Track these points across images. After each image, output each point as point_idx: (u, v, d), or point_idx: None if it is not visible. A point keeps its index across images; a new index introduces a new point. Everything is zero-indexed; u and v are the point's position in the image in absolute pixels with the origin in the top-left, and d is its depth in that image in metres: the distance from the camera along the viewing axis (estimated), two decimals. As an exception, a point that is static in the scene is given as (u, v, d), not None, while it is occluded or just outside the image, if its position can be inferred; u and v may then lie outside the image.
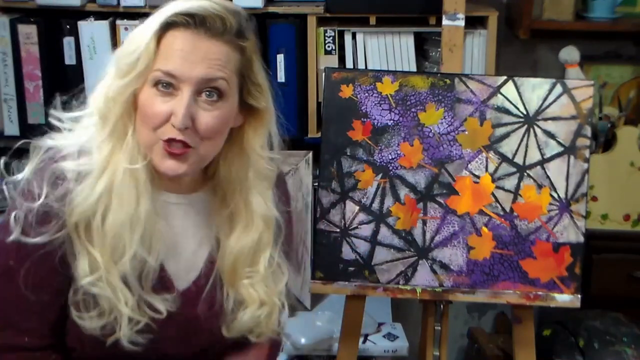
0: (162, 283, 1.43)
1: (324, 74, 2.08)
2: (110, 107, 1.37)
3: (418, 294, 1.97)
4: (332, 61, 2.39)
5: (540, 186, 1.96)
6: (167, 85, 1.35)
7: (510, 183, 1.97)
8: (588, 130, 1.97)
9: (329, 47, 2.39)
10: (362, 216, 1.97)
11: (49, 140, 1.41)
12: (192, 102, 1.35)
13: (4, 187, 1.42)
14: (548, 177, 1.96)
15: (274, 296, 1.49)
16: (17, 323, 1.41)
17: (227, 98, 1.38)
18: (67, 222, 1.35)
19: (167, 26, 1.36)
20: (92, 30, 2.36)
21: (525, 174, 1.96)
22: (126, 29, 2.35)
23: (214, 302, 1.47)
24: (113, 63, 1.39)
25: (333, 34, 2.38)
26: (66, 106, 1.46)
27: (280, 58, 2.39)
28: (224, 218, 1.47)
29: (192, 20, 1.35)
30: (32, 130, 2.37)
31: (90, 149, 1.38)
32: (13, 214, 1.36)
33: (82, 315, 1.39)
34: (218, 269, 1.47)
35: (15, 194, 1.38)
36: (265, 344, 1.56)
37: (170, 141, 1.35)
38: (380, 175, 1.97)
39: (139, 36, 1.37)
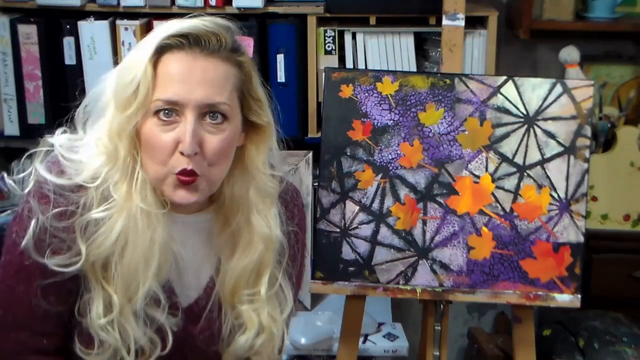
0: (170, 304, 1.42)
1: (324, 74, 2.07)
2: (117, 143, 1.34)
3: (418, 294, 1.97)
4: (332, 61, 2.39)
5: (540, 186, 1.96)
6: (169, 112, 1.33)
7: (510, 183, 1.97)
8: (588, 130, 1.97)
9: (329, 47, 2.39)
10: (362, 216, 1.97)
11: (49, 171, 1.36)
12: (198, 126, 1.33)
13: (6, 185, 1.39)
14: (548, 177, 1.96)
15: (275, 324, 1.46)
16: (32, 326, 1.39)
17: (231, 119, 1.36)
18: (83, 258, 1.33)
19: (162, 50, 1.33)
20: (92, 30, 2.36)
21: (525, 174, 1.96)
22: (126, 29, 2.35)
23: (212, 323, 1.46)
24: (112, 97, 1.35)
25: (333, 34, 2.38)
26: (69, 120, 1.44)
27: (280, 58, 2.39)
28: (225, 239, 1.45)
29: (186, 41, 1.33)
30: (32, 130, 2.39)
31: (98, 183, 1.35)
32: (33, 221, 1.33)
33: (83, 350, 1.38)
34: (218, 290, 1.46)
35: (31, 198, 1.35)
36: None
37: (182, 172, 1.33)
38: (380, 175, 1.97)
39: (135, 64, 1.34)
